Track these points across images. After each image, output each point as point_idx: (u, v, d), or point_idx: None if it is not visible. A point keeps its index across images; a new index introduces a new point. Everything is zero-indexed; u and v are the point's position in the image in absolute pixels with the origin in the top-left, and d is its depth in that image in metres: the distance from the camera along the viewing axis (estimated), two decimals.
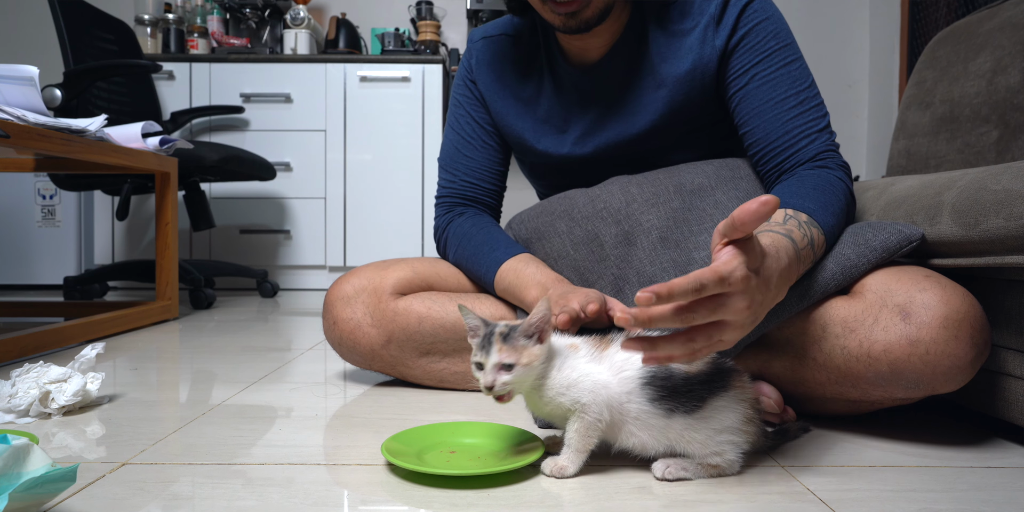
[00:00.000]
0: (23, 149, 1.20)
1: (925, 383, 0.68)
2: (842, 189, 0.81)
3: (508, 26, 1.03)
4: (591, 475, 0.64)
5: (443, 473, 0.62)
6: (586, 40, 0.93)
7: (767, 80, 0.87)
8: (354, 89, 2.66)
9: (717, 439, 0.62)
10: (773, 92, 0.87)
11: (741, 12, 0.88)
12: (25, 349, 1.19)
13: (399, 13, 3.09)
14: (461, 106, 1.06)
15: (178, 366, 1.18)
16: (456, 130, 1.06)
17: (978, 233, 0.69)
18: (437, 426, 0.73)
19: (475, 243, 0.97)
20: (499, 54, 1.02)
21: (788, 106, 0.86)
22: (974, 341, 0.67)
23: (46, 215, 2.64)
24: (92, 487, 0.61)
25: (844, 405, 0.78)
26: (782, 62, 0.87)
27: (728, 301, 0.54)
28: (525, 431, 0.72)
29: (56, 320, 1.71)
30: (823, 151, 0.85)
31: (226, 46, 2.80)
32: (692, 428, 0.62)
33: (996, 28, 1.04)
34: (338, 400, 0.94)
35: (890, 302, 0.70)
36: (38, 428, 0.79)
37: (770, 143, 0.87)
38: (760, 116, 0.87)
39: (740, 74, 0.89)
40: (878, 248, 0.76)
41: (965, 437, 0.78)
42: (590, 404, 0.61)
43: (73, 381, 0.86)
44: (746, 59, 0.88)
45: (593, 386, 0.61)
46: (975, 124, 1.03)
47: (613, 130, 0.95)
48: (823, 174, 0.82)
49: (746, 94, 0.88)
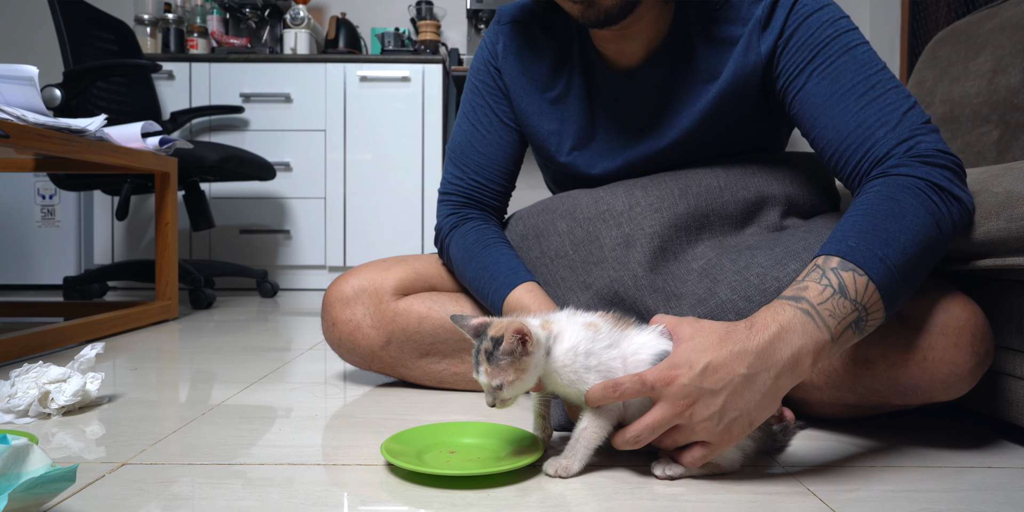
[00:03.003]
0: (23, 149, 1.20)
1: (923, 390, 0.68)
2: (915, 198, 0.63)
3: (542, 11, 0.90)
4: (591, 475, 0.64)
5: (442, 473, 0.62)
6: (620, 44, 0.84)
7: (828, 73, 0.72)
8: (354, 89, 2.66)
9: None
10: (837, 84, 0.72)
11: (790, 11, 0.76)
12: (24, 349, 1.19)
13: (399, 13, 3.09)
14: (480, 95, 0.95)
15: (178, 366, 1.18)
16: (472, 121, 0.95)
17: (979, 235, 0.69)
18: (437, 426, 0.73)
19: (476, 266, 0.90)
20: (528, 43, 0.90)
21: (857, 94, 0.70)
22: (974, 349, 0.66)
23: (46, 215, 2.64)
24: (92, 487, 0.61)
25: (843, 410, 0.78)
26: (843, 49, 0.73)
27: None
28: (525, 431, 0.72)
29: (56, 320, 1.71)
30: (904, 140, 0.67)
31: (226, 46, 2.80)
32: None
33: (996, 28, 1.04)
34: (338, 400, 0.94)
35: None
36: (38, 428, 0.79)
37: (842, 142, 0.70)
38: (827, 114, 0.72)
39: (796, 74, 0.75)
40: None
41: (966, 437, 0.78)
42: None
43: (72, 381, 0.86)
44: (800, 56, 0.75)
45: (609, 375, 0.61)
46: (975, 124, 1.03)
47: (646, 144, 0.87)
48: (889, 184, 0.64)
49: (806, 94, 0.74)
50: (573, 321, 0.64)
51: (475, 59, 0.97)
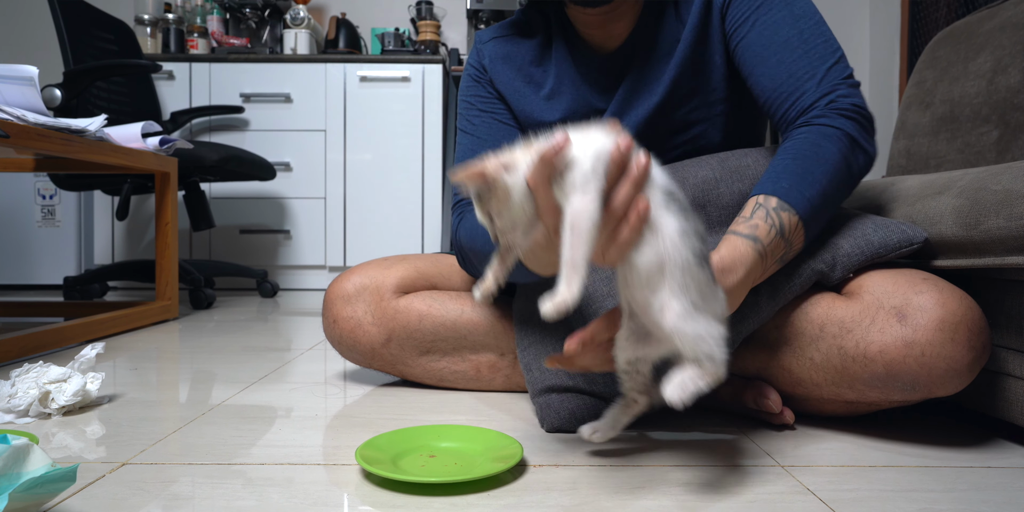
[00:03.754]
0: (23, 149, 1.20)
1: (922, 385, 0.68)
2: (835, 146, 0.72)
3: (516, 26, 0.95)
4: (592, 475, 0.64)
5: (415, 481, 0.60)
6: (607, 28, 0.86)
7: (768, 24, 0.78)
8: (354, 89, 2.66)
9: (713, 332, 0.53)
10: (775, 35, 0.78)
11: None
12: (25, 349, 1.19)
13: (399, 13, 3.09)
14: (474, 107, 0.97)
15: (178, 366, 1.18)
16: (471, 132, 0.96)
17: (978, 233, 0.69)
18: (417, 429, 0.72)
19: (485, 237, 0.88)
20: (513, 49, 0.94)
21: (791, 46, 0.76)
22: (971, 344, 0.67)
23: (46, 215, 2.64)
24: (92, 487, 0.61)
25: (842, 406, 0.78)
26: (784, 3, 0.79)
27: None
28: (504, 435, 0.71)
29: (56, 320, 1.71)
30: (827, 93, 0.74)
31: (226, 46, 2.80)
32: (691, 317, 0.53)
33: (996, 28, 1.04)
34: (338, 400, 0.94)
35: (887, 304, 0.70)
36: (38, 428, 0.79)
37: (775, 91, 0.78)
38: (763, 63, 0.78)
39: (740, 24, 0.81)
40: (875, 244, 0.76)
41: (965, 437, 0.78)
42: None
43: (73, 381, 0.86)
44: (744, 6, 0.80)
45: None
46: (975, 124, 1.03)
47: (642, 106, 0.89)
48: (814, 132, 0.73)
49: (747, 43, 0.80)
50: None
51: (462, 83, 0.98)
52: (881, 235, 0.77)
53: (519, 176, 0.54)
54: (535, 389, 0.81)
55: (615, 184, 0.53)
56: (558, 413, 0.77)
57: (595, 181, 0.51)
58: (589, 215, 0.51)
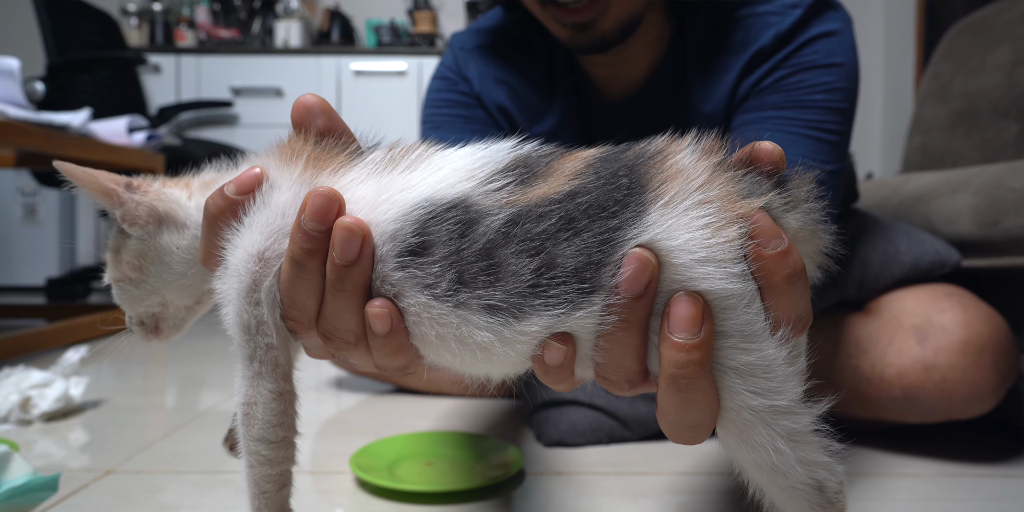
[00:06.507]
0: (3, 145, 1.17)
1: (941, 410, 0.66)
2: None
3: (506, 36, 0.79)
4: (593, 484, 0.63)
5: (412, 490, 0.59)
6: (613, 69, 0.72)
7: (781, 120, 0.66)
8: (348, 83, 2.62)
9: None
10: (783, 127, 0.66)
11: (795, 52, 0.66)
12: (5, 353, 1.16)
13: (394, 4, 3.05)
14: (455, 127, 0.80)
15: (165, 370, 1.16)
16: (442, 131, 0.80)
17: (997, 232, 0.67)
18: (413, 436, 0.72)
19: None
20: (508, 70, 0.78)
21: (787, 143, 0.65)
22: (997, 368, 0.64)
23: (27, 213, 2.59)
24: (75, 497, 0.59)
25: (855, 424, 0.76)
26: (812, 105, 0.65)
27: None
28: (503, 442, 0.70)
29: (37, 323, 1.68)
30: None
31: (215, 38, 2.76)
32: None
33: (1016, 19, 1.02)
34: (331, 406, 0.92)
35: (906, 322, 0.67)
36: (19, 435, 0.78)
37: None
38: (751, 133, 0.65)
39: (754, 108, 0.68)
40: (906, 265, 0.72)
41: (984, 445, 0.76)
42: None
43: (55, 386, 0.84)
44: (772, 99, 0.67)
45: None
46: (994, 119, 1.01)
47: None
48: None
49: (743, 121, 0.68)
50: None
51: (433, 93, 0.81)
52: (913, 256, 0.73)
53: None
54: (532, 406, 0.79)
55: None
56: (556, 426, 0.74)
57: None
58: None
